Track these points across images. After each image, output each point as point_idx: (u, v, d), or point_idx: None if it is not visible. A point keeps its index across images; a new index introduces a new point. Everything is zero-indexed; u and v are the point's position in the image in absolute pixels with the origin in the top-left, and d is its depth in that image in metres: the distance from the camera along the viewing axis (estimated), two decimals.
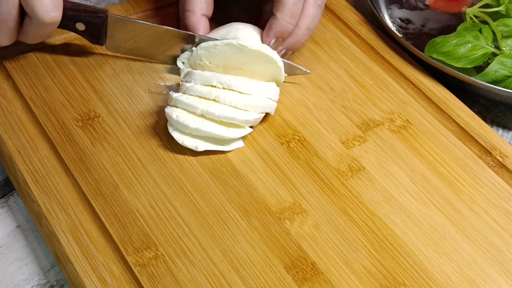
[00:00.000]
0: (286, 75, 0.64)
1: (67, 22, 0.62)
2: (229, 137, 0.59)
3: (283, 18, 0.63)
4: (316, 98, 0.66)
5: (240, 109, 0.59)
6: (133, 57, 0.66)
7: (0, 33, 0.59)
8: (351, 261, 0.53)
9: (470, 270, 0.54)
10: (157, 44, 0.65)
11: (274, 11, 0.63)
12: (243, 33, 0.63)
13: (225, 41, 0.61)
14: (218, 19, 0.67)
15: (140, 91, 0.64)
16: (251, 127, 0.61)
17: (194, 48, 0.63)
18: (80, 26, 0.63)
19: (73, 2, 0.62)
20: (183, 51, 0.65)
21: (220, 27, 0.65)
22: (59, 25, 0.61)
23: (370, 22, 0.75)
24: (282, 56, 0.65)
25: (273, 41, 0.63)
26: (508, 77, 0.69)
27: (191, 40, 0.64)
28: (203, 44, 0.62)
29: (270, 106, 0.62)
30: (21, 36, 0.61)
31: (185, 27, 0.65)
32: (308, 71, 0.67)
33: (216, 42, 0.62)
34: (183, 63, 0.65)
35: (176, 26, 0.65)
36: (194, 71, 0.62)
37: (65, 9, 0.60)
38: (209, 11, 0.66)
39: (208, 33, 0.65)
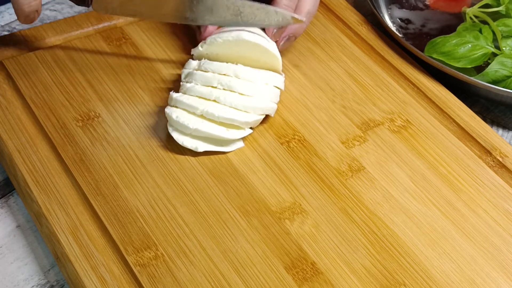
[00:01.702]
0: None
1: None
2: (229, 138, 0.59)
3: (282, 2, 0.63)
4: (316, 98, 0.66)
5: (240, 110, 0.59)
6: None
7: None
8: (351, 261, 0.53)
9: (470, 270, 0.54)
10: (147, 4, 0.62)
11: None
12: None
13: (225, 36, 0.62)
14: None
15: (140, 91, 0.64)
16: (251, 128, 0.61)
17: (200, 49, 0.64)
18: None
19: None
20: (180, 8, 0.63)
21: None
22: None
23: (370, 22, 0.75)
24: (286, 42, 0.66)
25: (275, 31, 0.63)
26: (508, 77, 0.69)
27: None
28: (207, 40, 0.63)
29: (270, 108, 0.62)
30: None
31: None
32: (303, 18, 0.64)
33: (218, 36, 0.63)
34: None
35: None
36: (195, 71, 0.62)
37: None
38: None
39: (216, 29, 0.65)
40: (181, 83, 0.62)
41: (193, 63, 0.63)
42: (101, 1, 0.61)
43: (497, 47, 0.72)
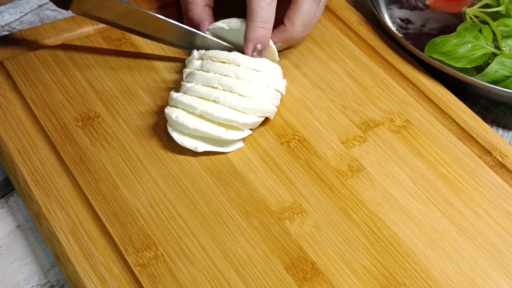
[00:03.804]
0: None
1: None
2: (228, 138, 0.59)
3: (254, 24, 0.62)
4: (316, 98, 0.66)
5: (239, 111, 0.59)
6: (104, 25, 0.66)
7: None
8: (351, 261, 0.53)
9: (470, 270, 0.54)
10: (128, 20, 0.64)
11: (246, 20, 0.63)
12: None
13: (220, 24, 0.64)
14: (217, 18, 0.67)
15: (140, 91, 0.64)
16: (250, 129, 0.61)
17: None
18: None
19: None
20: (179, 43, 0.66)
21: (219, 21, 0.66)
22: None
23: (370, 22, 0.75)
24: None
25: (254, 53, 0.63)
26: (508, 77, 0.69)
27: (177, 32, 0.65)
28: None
29: (270, 111, 0.62)
30: None
31: (189, 20, 0.66)
32: (277, 58, 0.66)
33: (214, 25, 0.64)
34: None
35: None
36: (196, 71, 0.62)
37: None
38: (212, 1, 0.67)
39: (212, 23, 0.66)
40: (182, 82, 0.62)
41: (196, 63, 0.63)
42: (80, 6, 0.62)
43: (497, 47, 0.72)
